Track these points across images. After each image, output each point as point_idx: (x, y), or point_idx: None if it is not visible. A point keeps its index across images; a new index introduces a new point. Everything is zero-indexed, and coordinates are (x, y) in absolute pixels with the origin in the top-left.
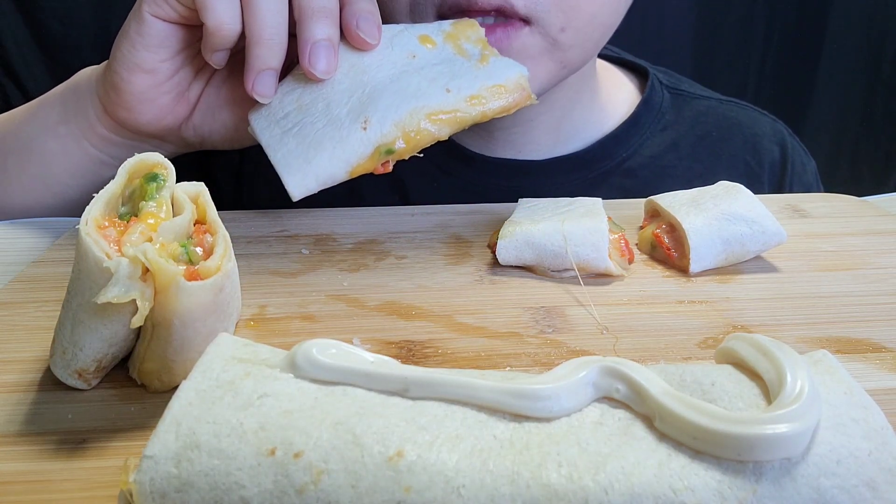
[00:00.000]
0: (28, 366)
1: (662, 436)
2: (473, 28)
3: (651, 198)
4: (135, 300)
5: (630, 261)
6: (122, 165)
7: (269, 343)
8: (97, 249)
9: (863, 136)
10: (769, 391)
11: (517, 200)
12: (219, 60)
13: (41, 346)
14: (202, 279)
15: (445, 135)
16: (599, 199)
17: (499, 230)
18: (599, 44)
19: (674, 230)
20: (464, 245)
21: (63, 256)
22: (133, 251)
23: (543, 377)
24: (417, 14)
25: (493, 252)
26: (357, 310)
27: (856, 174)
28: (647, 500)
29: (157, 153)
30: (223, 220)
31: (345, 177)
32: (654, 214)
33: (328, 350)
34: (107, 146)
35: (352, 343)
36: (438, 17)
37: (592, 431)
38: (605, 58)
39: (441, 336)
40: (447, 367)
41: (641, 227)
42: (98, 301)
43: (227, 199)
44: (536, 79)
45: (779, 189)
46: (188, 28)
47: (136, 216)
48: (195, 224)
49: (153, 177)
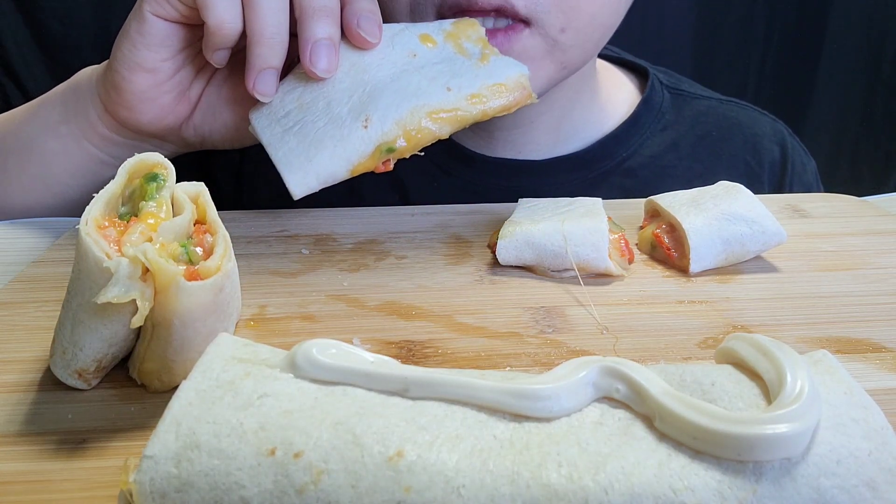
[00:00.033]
0: (28, 366)
1: (662, 436)
2: (474, 27)
3: (651, 198)
4: (135, 300)
5: (630, 261)
6: (122, 165)
7: (269, 343)
8: (97, 249)
9: (863, 136)
10: (769, 391)
11: (517, 200)
12: (220, 59)
13: (41, 346)
14: (202, 279)
15: (446, 133)
16: (599, 199)
17: (499, 230)
18: (599, 44)
19: (674, 230)
20: (464, 245)
21: (63, 256)
22: (133, 251)
23: (543, 377)
24: (417, 14)
25: (493, 252)
26: (357, 310)
27: (856, 174)
28: (647, 500)
29: (157, 153)
30: (223, 220)
31: (346, 175)
32: (654, 214)
33: (328, 350)
34: (107, 146)
35: (352, 343)
36: (438, 17)
37: (592, 431)
38: (605, 58)
39: (441, 336)
40: (447, 367)
41: (641, 227)
42: (98, 301)
43: (227, 199)
44: (537, 80)
45: (779, 189)
46: (189, 27)
47: (136, 216)
48: (195, 224)
49: (153, 177)
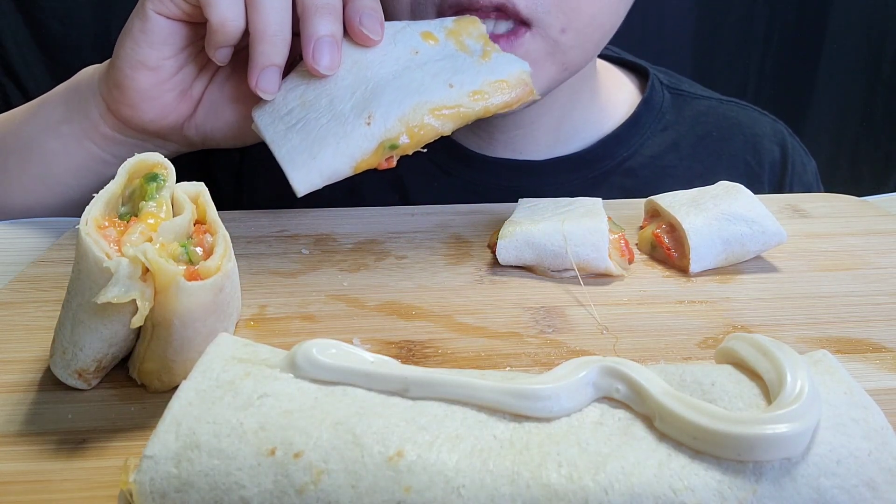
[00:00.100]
0: (28, 366)
1: (662, 436)
2: (475, 24)
3: (651, 198)
4: (135, 300)
5: (630, 261)
6: (122, 165)
7: (269, 343)
8: (97, 249)
9: (863, 136)
10: (769, 391)
11: (517, 200)
12: (222, 57)
13: (41, 346)
14: (202, 279)
15: (449, 130)
16: (599, 199)
17: (499, 230)
18: (600, 45)
19: (674, 230)
20: (464, 245)
21: (63, 256)
22: (133, 251)
23: (543, 377)
24: (418, 12)
25: (493, 252)
26: (357, 310)
27: (856, 174)
28: (647, 500)
29: (157, 153)
30: (223, 220)
31: (349, 172)
32: (654, 214)
33: (328, 350)
34: (109, 145)
35: (352, 343)
36: (438, 16)
37: (592, 431)
38: (606, 58)
39: (441, 336)
40: (447, 367)
41: (641, 227)
42: (98, 301)
43: (227, 199)
44: (539, 82)
45: (779, 189)
46: (192, 25)
47: (136, 216)
48: (195, 224)
49: (153, 177)
